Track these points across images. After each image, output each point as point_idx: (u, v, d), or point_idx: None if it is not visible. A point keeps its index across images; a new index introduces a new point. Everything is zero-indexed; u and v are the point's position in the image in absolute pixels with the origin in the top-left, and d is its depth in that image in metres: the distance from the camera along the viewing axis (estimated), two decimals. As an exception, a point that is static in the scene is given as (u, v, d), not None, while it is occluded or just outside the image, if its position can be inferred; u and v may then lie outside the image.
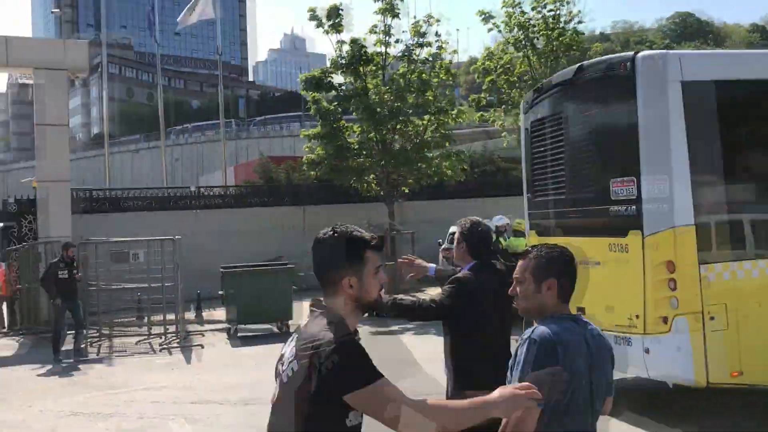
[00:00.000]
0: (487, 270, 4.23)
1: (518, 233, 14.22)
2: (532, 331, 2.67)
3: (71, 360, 11.90)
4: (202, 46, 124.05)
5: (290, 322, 13.95)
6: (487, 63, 19.84)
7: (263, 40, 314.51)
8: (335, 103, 18.75)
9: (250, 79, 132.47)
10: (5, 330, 16.00)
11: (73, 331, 13.90)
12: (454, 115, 18.67)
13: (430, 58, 18.57)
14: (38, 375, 11.01)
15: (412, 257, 5.21)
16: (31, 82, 27.00)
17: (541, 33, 19.10)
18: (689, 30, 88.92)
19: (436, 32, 18.58)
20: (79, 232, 17.08)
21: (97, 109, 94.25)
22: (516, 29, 19.21)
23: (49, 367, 11.55)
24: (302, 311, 15.54)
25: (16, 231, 17.84)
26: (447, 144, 18.89)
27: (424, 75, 18.28)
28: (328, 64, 18.54)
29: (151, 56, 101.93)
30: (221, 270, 14.00)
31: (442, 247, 18.55)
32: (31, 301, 15.80)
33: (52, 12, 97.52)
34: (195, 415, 8.01)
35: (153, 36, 29.84)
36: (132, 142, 71.37)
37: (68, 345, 13.81)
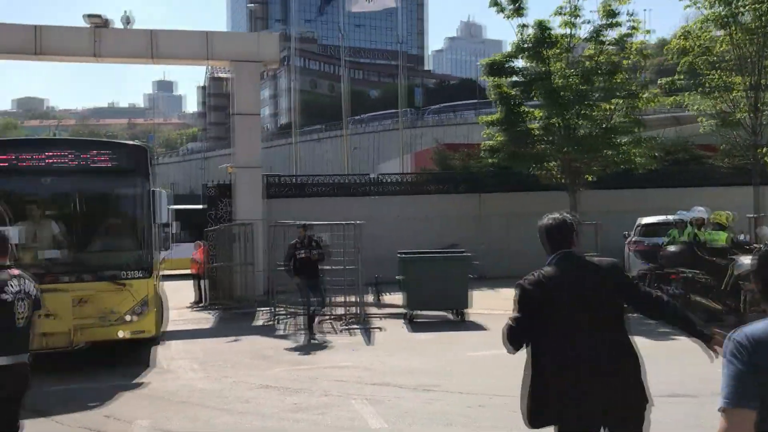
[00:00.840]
0: (564, 264, 3.86)
1: (718, 226, 12.98)
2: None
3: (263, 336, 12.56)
4: (380, 37, 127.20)
5: (467, 311, 13.81)
6: (684, 43, 18.29)
7: (439, 29, 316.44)
8: (516, 88, 18.27)
9: (427, 68, 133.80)
10: (203, 304, 17.34)
11: (268, 307, 14.77)
12: (645, 99, 17.47)
13: (621, 39, 17.50)
14: (232, 347, 11.75)
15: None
16: (224, 75, 29.06)
17: (748, 7, 17.26)
18: None
19: (628, 11, 17.47)
20: (269, 215, 18.10)
21: (284, 100, 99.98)
22: (717, 4, 17.50)
23: (242, 340, 12.31)
24: (479, 300, 15.37)
25: (213, 213, 19.27)
26: (637, 129, 17.72)
27: (613, 57, 17.26)
28: (510, 48, 18.06)
29: (334, 49, 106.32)
30: (399, 256, 14.14)
31: (629, 240, 17.46)
32: (225, 278, 17.00)
33: (247, 6, 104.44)
34: (376, 396, 8.10)
35: (339, 29, 30.68)
36: (314, 131, 74.83)
37: (259, 321, 14.67)
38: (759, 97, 17.50)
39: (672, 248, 13.27)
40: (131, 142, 13.20)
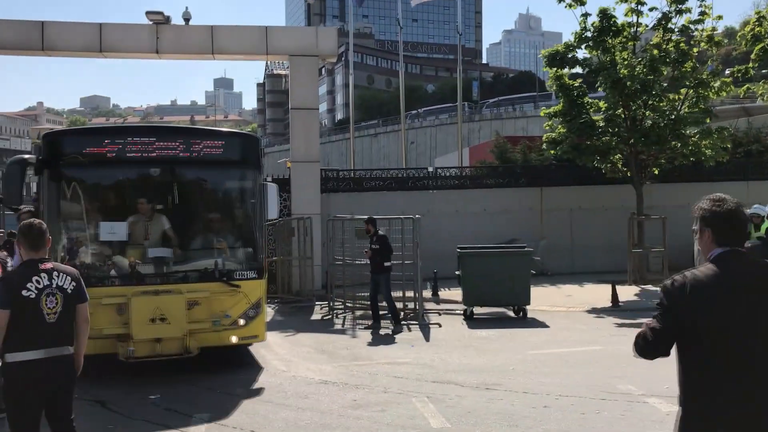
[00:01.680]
0: (734, 266, 2.95)
1: (796, 222, 12.29)
2: None
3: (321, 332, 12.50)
4: (436, 31, 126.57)
5: (528, 307, 13.46)
6: (758, 29, 17.42)
7: (495, 22, 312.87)
8: (579, 79, 17.74)
9: (483, 61, 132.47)
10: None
11: (326, 302, 14.71)
12: (716, 89, 16.70)
13: (690, 26, 16.78)
14: (290, 341, 11.72)
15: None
16: (282, 72, 29.18)
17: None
18: None
19: (699, -7, 16.71)
20: (326, 210, 18.07)
21: (341, 95, 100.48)
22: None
23: (301, 334, 12.28)
24: (540, 296, 15.00)
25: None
26: (708, 120, 16.97)
27: (682, 44, 16.56)
28: (572, 38, 17.51)
29: (390, 44, 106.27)
30: (458, 250, 13.88)
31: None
32: (284, 272, 17.04)
33: (305, 1, 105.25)
34: (437, 394, 7.90)
35: (398, 22, 30.51)
36: (371, 126, 74.99)
37: (317, 315, 14.63)
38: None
39: (747, 244, 12.62)
40: (243, 131, 12.47)
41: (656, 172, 17.91)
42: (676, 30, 16.89)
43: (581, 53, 17.88)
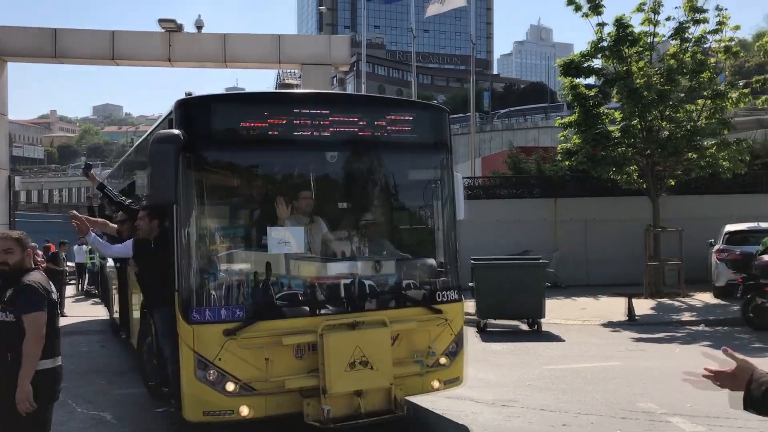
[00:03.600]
0: None
1: (818, 238, 12.02)
2: None
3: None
4: (448, 42, 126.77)
5: (542, 320, 13.21)
6: (773, 41, 17.19)
7: (506, 33, 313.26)
8: (595, 89, 17.54)
9: (494, 72, 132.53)
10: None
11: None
12: (734, 99, 16.45)
13: (708, 36, 16.56)
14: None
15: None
16: (294, 81, 29.15)
17: None
18: None
19: (717, 6, 16.49)
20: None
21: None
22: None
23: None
24: (554, 309, 14.72)
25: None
26: (725, 132, 16.71)
27: (699, 54, 16.33)
28: (588, 47, 17.32)
29: (401, 54, 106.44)
30: (471, 262, 13.67)
31: (716, 248, 16.47)
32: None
33: (318, 9, 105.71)
34: (452, 409, 7.68)
35: (411, 32, 30.48)
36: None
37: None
38: None
39: (766, 257, 12.39)
40: (432, 103, 9.43)
41: (672, 183, 17.66)
42: (692, 40, 16.66)
43: (597, 63, 17.69)
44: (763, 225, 14.27)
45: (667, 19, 16.83)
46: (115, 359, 11.33)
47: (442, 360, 6.75)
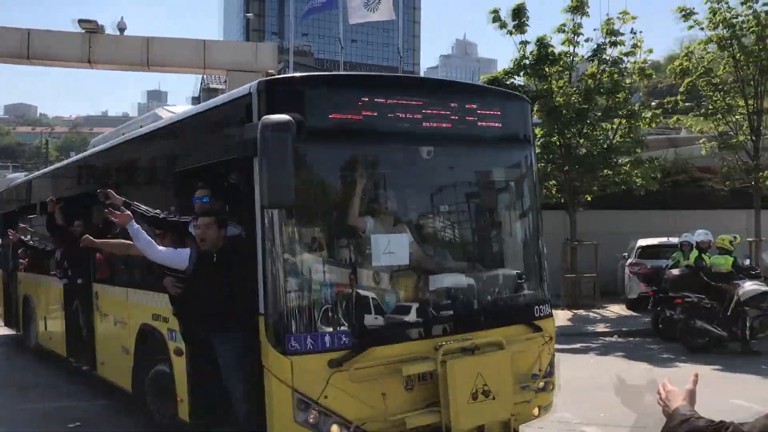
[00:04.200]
0: None
1: (723, 251, 12.70)
2: None
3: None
4: (376, 53, 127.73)
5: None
6: (686, 63, 18.13)
7: (433, 47, 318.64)
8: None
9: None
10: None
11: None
12: (648, 119, 17.24)
13: (624, 58, 17.31)
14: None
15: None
16: (218, 86, 28.78)
17: (751, 30, 17.13)
18: None
19: (632, 29, 17.27)
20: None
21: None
22: (721, 26, 17.36)
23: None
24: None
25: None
26: (639, 150, 17.47)
27: (616, 75, 17.04)
28: (511, 64, 17.80)
29: (330, 63, 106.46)
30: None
31: (628, 262, 17.16)
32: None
33: (245, 15, 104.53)
34: None
35: (339, 41, 30.52)
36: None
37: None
38: (760, 121, 17.36)
39: (676, 271, 13.00)
40: (514, 93, 8.12)
41: (588, 198, 18.31)
42: (609, 61, 17.37)
43: (519, 80, 18.18)
44: (673, 240, 14.95)
45: (586, 40, 17.49)
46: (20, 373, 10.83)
47: (542, 383, 6.02)
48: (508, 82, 17.81)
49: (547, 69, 17.18)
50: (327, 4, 21.74)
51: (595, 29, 17.60)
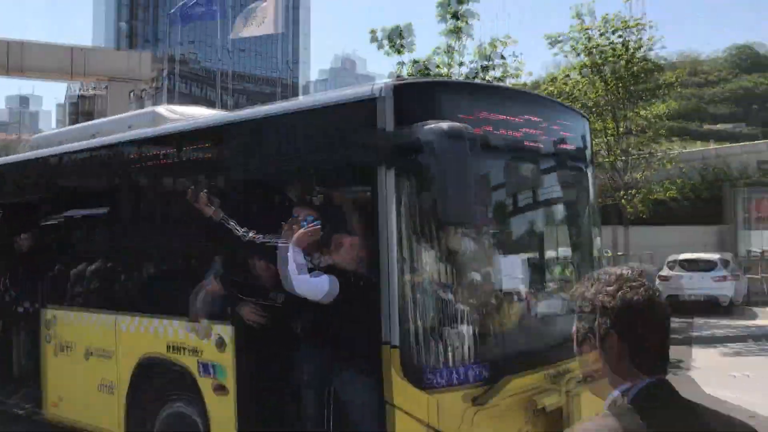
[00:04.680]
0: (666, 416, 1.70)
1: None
2: None
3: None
4: (262, 63, 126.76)
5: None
6: (551, 88, 19.35)
7: (320, 60, 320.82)
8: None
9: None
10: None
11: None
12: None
13: (506, 79, 18.20)
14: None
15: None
16: (90, 93, 27.79)
17: (608, 60, 18.55)
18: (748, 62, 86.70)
19: (513, 52, 18.18)
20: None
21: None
22: (583, 55, 18.70)
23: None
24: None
25: None
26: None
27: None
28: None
29: (215, 72, 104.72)
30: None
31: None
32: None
33: (120, 24, 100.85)
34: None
35: (226, 50, 30.20)
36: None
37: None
38: (621, 143, 18.76)
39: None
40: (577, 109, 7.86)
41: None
42: (492, 82, 18.16)
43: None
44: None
45: (460, 64, 18.22)
46: None
47: None
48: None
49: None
50: (207, 14, 21.53)
51: (468, 54, 18.37)
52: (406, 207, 4.31)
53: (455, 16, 17.65)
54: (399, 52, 17.96)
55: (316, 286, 4.48)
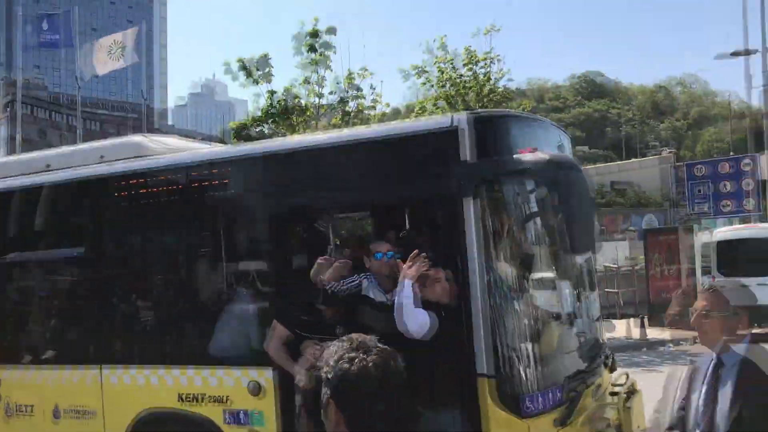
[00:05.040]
0: None
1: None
2: None
3: None
4: (119, 88, 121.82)
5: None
6: (420, 115, 20.08)
7: (183, 84, 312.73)
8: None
9: (170, 122, 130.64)
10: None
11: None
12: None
13: (365, 111, 18.68)
14: None
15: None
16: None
17: (472, 89, 19.51)
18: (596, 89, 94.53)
19: (371, 84, 18.75)
20: None
21: (4, 151, 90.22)
22: (448, 85, 19.56)
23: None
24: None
25: None
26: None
27: (359, 126, 18.36)
28: (260, 113, 18.34)
29: (66, 97, 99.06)
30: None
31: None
32: None
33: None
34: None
35: (76, 78, 28.97)
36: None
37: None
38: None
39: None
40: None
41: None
42: (352, 113, 18.62)
43: (268, 128, 18.72)
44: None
45: (331, 92, 18.56)
46: None
47: None
48: (257, 129, 18.28)
49: (294, 118, 17.93)
50: (63, 41, 20.58)
51: (338, 83, 18.75)
52: (497, 237, 4.39)
53: (312, 48, 17.93)
54: (256, 82, 17.98)
55: (426, 322, 4.29)
